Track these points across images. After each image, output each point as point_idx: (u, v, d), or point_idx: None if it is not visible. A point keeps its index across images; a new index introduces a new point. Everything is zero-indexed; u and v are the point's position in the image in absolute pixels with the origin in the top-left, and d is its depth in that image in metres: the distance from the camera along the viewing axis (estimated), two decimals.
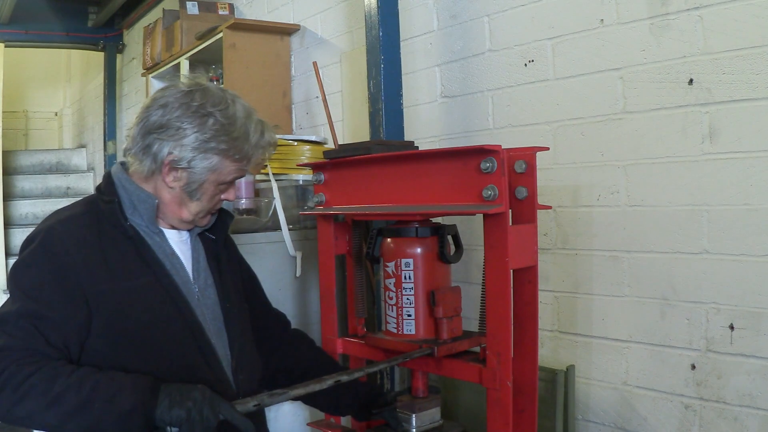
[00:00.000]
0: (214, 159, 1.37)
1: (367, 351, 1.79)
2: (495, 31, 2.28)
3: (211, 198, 1.43)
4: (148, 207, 1.39)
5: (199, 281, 1.47)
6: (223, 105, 1.37)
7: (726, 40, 1.70)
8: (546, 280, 2.12)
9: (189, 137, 1.34)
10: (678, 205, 1.82)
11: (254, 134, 1.40)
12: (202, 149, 1.35)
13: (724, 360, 1.74)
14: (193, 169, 1.36)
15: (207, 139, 1.34)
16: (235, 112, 1.38)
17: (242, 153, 1.39)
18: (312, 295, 2.52)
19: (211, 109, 1.35)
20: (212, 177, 1.39)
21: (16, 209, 5.08)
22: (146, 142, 1.36)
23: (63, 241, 1.31)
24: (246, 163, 1.42)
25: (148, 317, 1.33)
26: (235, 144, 1.37)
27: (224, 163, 1.39)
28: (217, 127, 1.35)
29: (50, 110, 7.92)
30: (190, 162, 1.35)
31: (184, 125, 1.34)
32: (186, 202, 1.41)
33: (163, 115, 1.35)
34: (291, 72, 3.42)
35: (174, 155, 1.35)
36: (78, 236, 1.32)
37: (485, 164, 1.38)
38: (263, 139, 1.43)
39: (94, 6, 5.64)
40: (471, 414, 2.19)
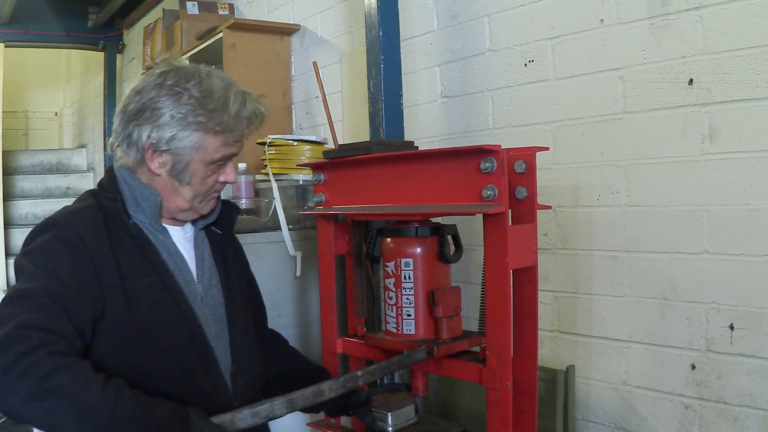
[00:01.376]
0: (194, 135, 1.32)
1: (367, 351, 1.79)
2: (495, 31, 2.28)
3: (202, 180, 1.37)
4: (151, 204, 1.36)
5: (203, 281, 1.43)
6: (196, 79, 1.33)
7: (726, 40, 1.70)
8: (546, 280, 2.12)
9: (165, 116, 1.30)
10: (678, 205, 1.82)
11: (234, 104, 1.34)
12: (180, 126, 1.30)
13: (724, 360, 1.74)
14: (176, 150, 1.32)
15: (183, 115, 1.30)
16: (211, 85, 1.33)
17: (222, 125, 1.33)
18: (312, 295, 2.52)
19: (185, 85, 1.31)
20: (197, 156, 1.33)
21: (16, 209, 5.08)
22: (127, 132, 1.34)
23: (78, 231, 1.26)
24: (229, 136, 1.35)
25: (149, 319, 1.29)
26: (213, 116, 1.32)
27: (206, 139, 1.33)
28: (192, 102, 1.30)
29: (50, 110, 7.92)
30: (170, 142, 1.31)
31: (159, 105, 1.30)
32: (177, 188, 1.36)
33: (139, 101, 1.32)
34: (291, 72, 3.42)
35: (153, 137, 1.31)
36: (91, 228, 1.29)
37: (485, 164, 1.38)
38: (245, 109, 1.36)
39: (94, 6, 5.64)
40: (471, 414, 2.19)
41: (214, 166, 1.37)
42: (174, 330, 1.33)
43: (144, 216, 1.36)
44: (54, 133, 7.94)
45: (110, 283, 1.26)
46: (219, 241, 1.52)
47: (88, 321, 1.22)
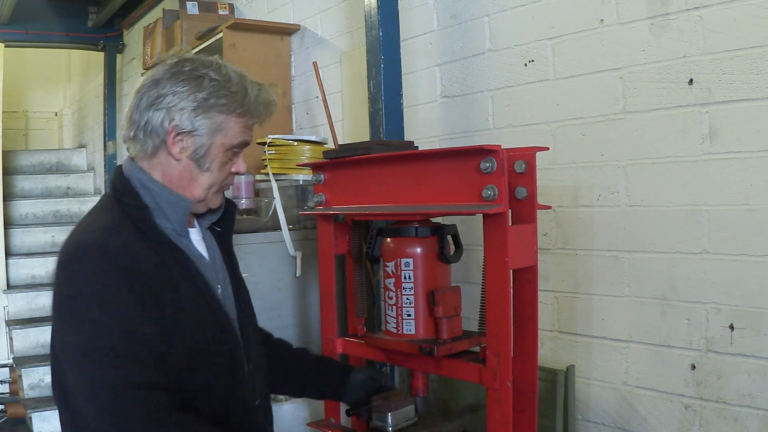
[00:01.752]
0: (218, 117, 1.32)
1: (366, 351, 1.79)
2: (495, 31, 2.28)
3: (221, 167, 1.36)
4: (180, 209, 1.33)
5: (220, 281, 1.42)
6: (214, 66, 1.34)
7: (726, 40, 1.70)
8: (546, 280, 2.12)
9: (187, 99, 1.30)
10: (678, 205, 1.82)
11: (252, 89, 1.36)
12: (203, 108, 1.30)
13: (724, 360, 1.74)
14: (198, 132, 1.31)
15: (206, 97, 1.30)
16: (228, 72, 1.35)
17: (244, 107, 1.35)
18: (312, 295, 2.52)
19: (203, 71, 1.32)
20: (219, 139, 1.33)
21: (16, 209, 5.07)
22: (145, 119, 1.31)
23: (121, 249, 1.21)
24: (249, 119, 1.37)
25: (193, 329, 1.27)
26: (236, 98, 1.33)
27: (228, 121, 1.33)
28: (213, 84, 1.31)
29: (50, 110, 7.92)
30: (194, 124, 1.30)
31: (180, 89, 1.30)
32: (196, 175, 1.34)
33: (157, 89, 1.31)
34: (291, 72, 3.42)
35: (176, 121, 1.30)
36: (130, 242, 1.24)
37: (485, 164, 1.38)
38: (262, 94, 1.38)
39: (94, 6, 5.63)
40: (471, 414, 2.19)
41: (230, 153, 1.37)
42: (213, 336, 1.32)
43: (168, 222, 1.33)
44: (54, 133, 7.93)
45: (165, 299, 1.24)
46: (222, 239, 1.51)
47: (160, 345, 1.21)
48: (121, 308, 1.17)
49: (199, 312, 1.30)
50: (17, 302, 4.23)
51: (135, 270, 1.20)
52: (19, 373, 3.62)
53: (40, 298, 4.25)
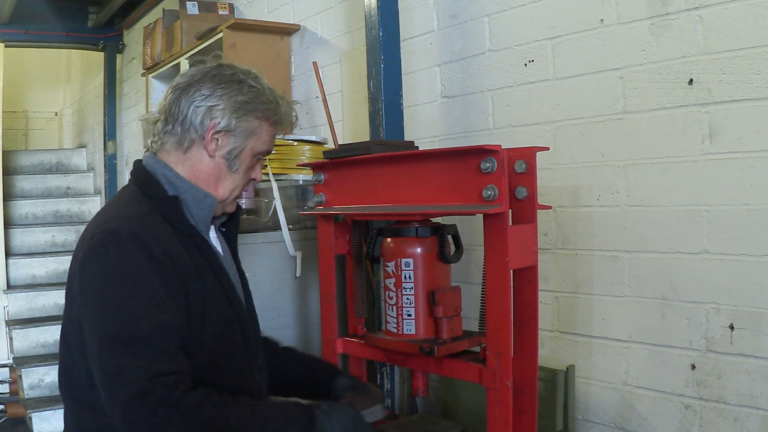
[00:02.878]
0: (254, 122, 1.38)
1: (367, 351, 1.79)
2: (495, 31, 2.28)
3: (246, 171, 1.42)
4: (206, 206, 1.36)
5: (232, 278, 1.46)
6: (252, 75, 1.41)
7: (726, 40, 1.70)
8: (546, 280, 2.12)
9: (229, 101, 1.35)
10: (678, 205, 1.82)
11: (282, 103, 1.44)
12: (244, 111, 1.36)
13: (724, 360, 1.74)
14: (235, 133, 1.36)
15: (246, 101, 1.36)
16: (263, 82, 1.42)
17: (278, 115, 1.42)
18: (312, 295, 2.52)
19: (242, 77, 1.38)
20: (251, 143, 1.39)
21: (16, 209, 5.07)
22: (185, 114, 1.35)
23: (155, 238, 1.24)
24: (280, 127, 1.44)
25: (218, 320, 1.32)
26: (271, 106, 1.40)
27: (262, 127, 1.40)
28: (253, 91, 1.38)
29: (50, 110, 7.92)
30: (233, 125, 1.35)
31: (222, 91, 1.35)
32: (224, 175, 1.38)
33: (198, 89, 1.35)
34: (291, 72, 3.42)
35: (217, 119, 1.34)
36: (160, 232, 1.27)
37: (485, 164, 1.38)
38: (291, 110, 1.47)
39: (94, 6, 5.63)
40: (471, 414, 2.19)
41: (255, 159, 1.43)
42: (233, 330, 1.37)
43: (191, 218, 1.36)
44: (54, 133, 7.93)
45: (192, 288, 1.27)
46: (229, 241, 1.55)
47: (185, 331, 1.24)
48: (149, 295, 1.19)
49: (223, 305, 1.34)
50: (17, 302, 4.23)
51: (166, 259, 1.23)
52: (19, 373, 3.62)
53: (40, 298, 4.25)
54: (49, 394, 3.54)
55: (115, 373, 1.14)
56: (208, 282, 1.31)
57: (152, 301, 1.19)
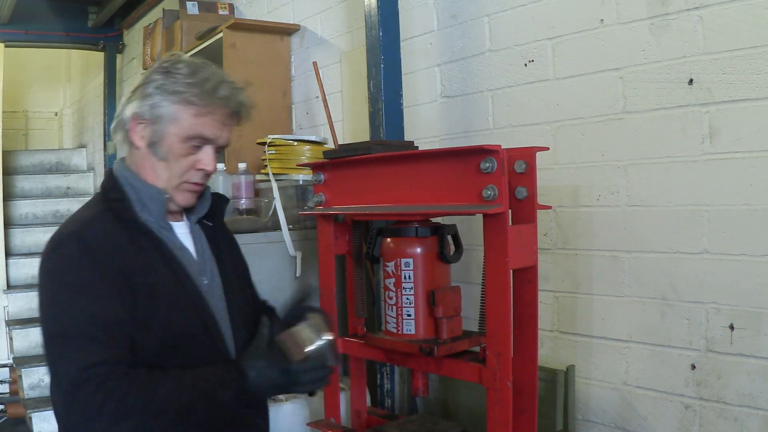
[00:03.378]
0: (172, 106, 1.36)
1: (367, 351, 1.79)
2: (495, 31, 2.28)
3: (178, 158, 1.38)
4: (158, 202, 1.39)
5: (206, 273, 1.46)
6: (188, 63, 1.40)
7: (726, 40, 1.70)
8: (546, 280, 2.12)
9: (150, 88, 1.37)
10: (678, 205, 1.82)
11: (211, 83, 1.37)
12: (161, 95, 1.36)
13: (724, 360, 1.74)
14: (153, 118, 1.36)
15: (165, 85, 1.36)
16: (199, 68, 1.39)
17: (197, 96, 1.36)
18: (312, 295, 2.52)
19: (176, 65, 1.38)
20: (173, 129, 1.36)
21: (16, 209, 5.06)
22: (120, 112, 1.42)
23: (97, 237, 1.30)
24: (202, 108, 1.36)
25: (169, 312, 1.33)
26: (190, 88, 1.35)
27: (182, 111, 1.36)
28: (177, 75, 1.36)
29: (50, 110, 7.92)
30: (150, 110, 1.36)
31: (149, 80, 1.38)
32: (155, 165, 1.39)
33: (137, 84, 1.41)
34: (291, 72, 3.42)
35: (137, 108, 1.37)
36: (108, 231, 1.32)
37: (485, 164, 1.38)
38: (221, 88, 1.38)
39: (94, 6, 5.63)
40: (471, 414, 2.19)
41: (188, 145, 1.38)
42: (190, 322, 1.37)
43: (150, 215, 1.39)
44: (54, 133, 7.93)
45: (137, 282, 1.30)
46: (212, 233, 1.54)
47: (129, 324, 1.27)
48: (86, 291, 1.24)
49: (177, 299, 1.35)
50: (17, 302, 4.24)
51: (108, 256, 1.28)
52: (19, 373, 3.62)
53: None
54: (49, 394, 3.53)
55: (53, 368, 1.22)
56: (160, 275, 1.34)
57: (89, 296, 1.24)
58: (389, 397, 2.39)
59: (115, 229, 1.33)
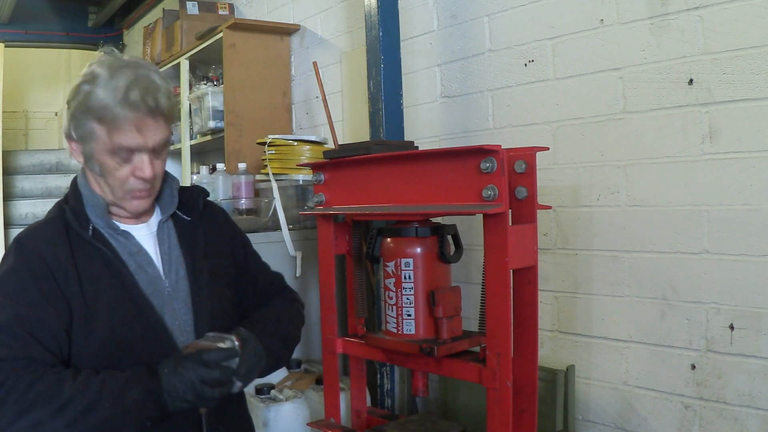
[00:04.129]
0: (89, 124, 1.32)
1: (367, 351, 1.79)
2: (495, 31, 2.28)
3: (111, 172, 1.34)
4: (100, 210, 1.40)
5: (171, 275, 1.43)
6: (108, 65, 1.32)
7: (726, 40, 1.70)
8: (546, 280, 2.12)
9: (71, 107, 1.35)
10: (678, 205, 1.82)
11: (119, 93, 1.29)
12: (75, 117, 1.34)
13: (724, 360, 1.74)
14: (79, 138, 1.35)
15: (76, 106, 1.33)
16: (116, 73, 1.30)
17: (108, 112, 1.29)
18: (312, 295, 2.52)
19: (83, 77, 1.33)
20: (96, 146, 1.33)
21: (16, 209, 5.06)
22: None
23: (35, 245, 1.34)
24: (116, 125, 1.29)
25: (109, 320, 1.33)
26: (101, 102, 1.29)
27: (98, 128, 1.31)
28: (81, 93, 1.31)
29: (50, 110, 7.91)
30: (75, 130, 1.35)
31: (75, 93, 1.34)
32: (97, 179, 1.39)
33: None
34: (291, 72, 3.42)
35: (65, 125, 1.37)
36: (48, 240, 1.35)
37: (485, 164, 1.38)
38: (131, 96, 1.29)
39: (94, 6, 5.64)
40: (471, 414, 2.19)
41: (118, 158, 1.34)
42: (134, 328, 1.35)
43: (101, 221, 1.40)
44: (54, 133, 7.92)
45: (71, 292, 1.32)
46: (188, 228, 1.50)
47: (62, 332, 1.30)
48: (17, 295, 1.29)
49: (119, 308, 1.34)
50: None
51: (41, 264, 1.32)
52: None
53: None
54: None
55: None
56: (104, 285, 1.34)
57: (19, 302, 1.28)
58: (389, 397, 2.39)
59: (59, 239, 1.36)
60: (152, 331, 1.37)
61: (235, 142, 3.19)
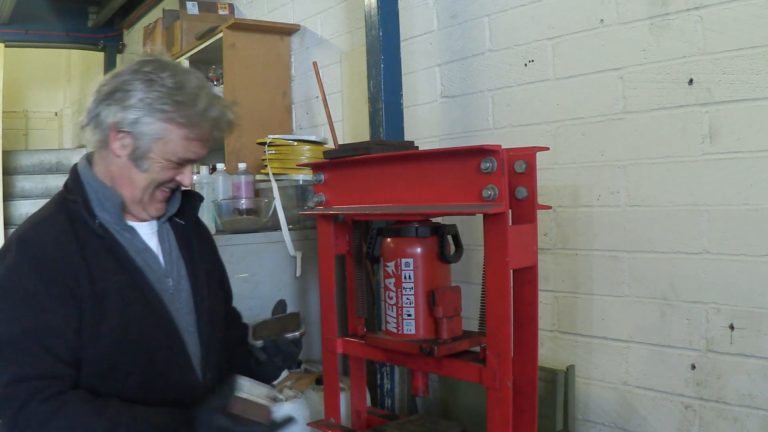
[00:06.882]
0: (158, 124, 1.30)
1: (367, 351, 1.79)
2: (495, 31, 2.28)
3: (161, 170, 1.35)
4: (113, 204, 1.35)
5: (173, 274, 1.43)
6: (172, 71, 1.33)
7: (726, 40, 1.70)
8: (546, 280, 2.12)
9: (133, 99, 1.30)
10: (678, 205, 1.82)
11: (202, 103, 1.33)
12: (145, 111, 1.30)
13: (724, 360, 1.74)
14: (137, 134, 1.31)
15: (151, 101, 1.29)
16: (184, 79, 1.33)
17: (188, 117, 1.31)
18: (312, 295, 2.53)
19: (161, 74, 1.31)
20: (158, 147, 1.32)
21: (16, 209, 5.06)
22: (96, 111, 1.34)
23: (41, 242, 1.27)
24: (193, 130, 1.33)
25: (120, 317, 1.29)
26: (179, 107, 1.30)
27: (170, 129, 1.31)
28: (163, 90, 1.30)
29: (50, 110, 7.91)
30: (133, 125, 1.30)
31: (130, 88, 1.30)
32: (134, 174, 1.34)
33: (113, 83, 1.33)
34: (291, 72, 3.42)
35: (119, 117, 1.31)
36: (54, 236, 1.28)
37: (485, 164, 1.38)
38: (212, 110, 1.34)
39: (94, 6, 5.64)
40: (471, 414, 2.19)
41: (173, 163, 1.35)
42: (146, 326, 1.33)
43: (109, 216, 1.36)
44: (54, 133, 7.92)
45: (82, 290, 1.26)
46: (184, 231, 1.50)
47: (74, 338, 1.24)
48: (31, 303, 1.21)
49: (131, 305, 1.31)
50: None
51: (52, 264, 1.24)
52: None
53: None
54: None
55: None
56: (114, 281, 1.30)
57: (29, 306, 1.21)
58: (389, 397, 2.39)
59: (65, 234, 1.29)
60: (163, 331, 1.35)
61: (235, 142, 3.19)
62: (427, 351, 1.54)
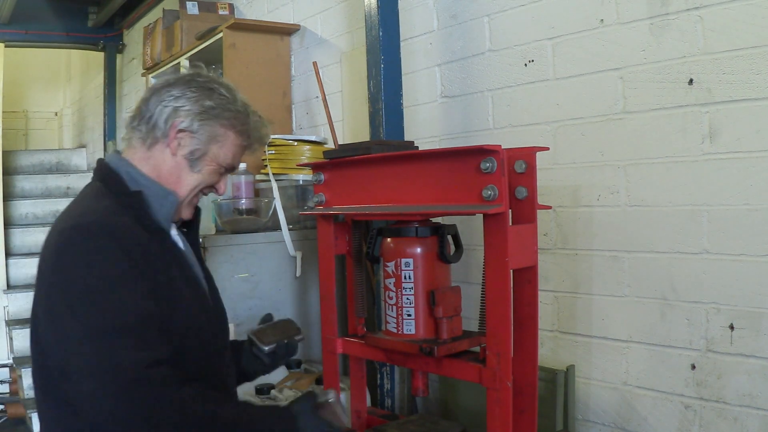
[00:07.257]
0: (218, 128, 1.39)
1: (367, 351, 1.79)
2: (495, 31, 2.28)
3: (208, 176, 1.41)
4: (168, 203, 1.37)
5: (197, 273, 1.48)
6: (226, 85, 1.44)
7: (726, 40, 1.70)
8: (546, 280, 2.12)
9: (196, 104, 1.37)
10: (678, 205, 1.82)
11: (254, 116, 1.45)
12: (208, 115, 1.38)
13: (724, 360, 1.74)
14: (198, 135, 1.37)
15: (213, 107, 1.38)
16: (236, 94, 1.44)
17: (244, 126, 1.42)
18: (312, 295, 2.53)
19: (216, 85, 1.41)
20: (214, 148, 1.39)
21: (16, 209, 5.06)
22: (151, 112, 1.38)
23: (124, 228, 1.25)
24: (246, 139, 1.43)
25: (186, 317, 1.32)
26: (238, 116, 1.41)
27: (227, 135, 1.40)
28: (222, 99, 1.39)
29: (50, 110, 7.92)
30: (195, 127, 1.37)
31: (191, 94, 1.38)
32: (184, 175, 1.38)
33: (170, 90, 1.38)
34: (291, 72, 3.42)
35: (181, 119, 1.36)
36: (125, 224, 1.27)
37: (485, 164, 1.38)
38: (262, 126, 1.46)
39: (94, 6, 5.63)
40: (471, 414, 2.19)
41: (221, 169, 1.42)
42: (203, 329, 1.38)
43: (163, 214, 1.37)
44: (54, 133, 7.93)
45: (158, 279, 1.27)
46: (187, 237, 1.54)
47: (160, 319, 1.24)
48: (126, 285, 1.20)
49: (192, 303, 1.36)
50: (17, 302, 4.24)
51: (136, 250, 1.24)
52: (19, 373, 3.62)
53: None
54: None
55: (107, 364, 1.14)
56: (174, 273, 1.33)
57: (130, 291, 1.20)
58: (389, 397, 2.39)
59: (133, 224, 1.29)
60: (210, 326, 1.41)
61: None
62: (427, 351, 1.54)
